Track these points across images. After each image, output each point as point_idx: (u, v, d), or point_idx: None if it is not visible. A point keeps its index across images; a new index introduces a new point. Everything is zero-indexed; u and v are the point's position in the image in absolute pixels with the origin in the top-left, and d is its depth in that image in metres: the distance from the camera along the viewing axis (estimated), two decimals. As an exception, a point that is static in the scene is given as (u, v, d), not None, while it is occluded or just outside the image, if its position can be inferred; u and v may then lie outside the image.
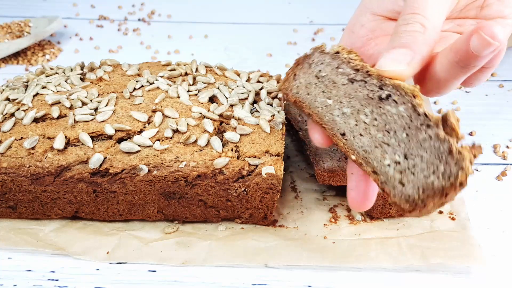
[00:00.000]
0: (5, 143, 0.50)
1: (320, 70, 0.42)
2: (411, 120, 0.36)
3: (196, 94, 0.57)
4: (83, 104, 0.54)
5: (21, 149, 0.50)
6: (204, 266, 0.51)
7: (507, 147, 0.68)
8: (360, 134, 0.40)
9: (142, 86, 0.58)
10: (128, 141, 0.50)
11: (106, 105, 0.54)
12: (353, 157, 0.40)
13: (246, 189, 0.51)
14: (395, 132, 0.37)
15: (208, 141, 0.51)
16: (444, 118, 0.35)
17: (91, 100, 0.55)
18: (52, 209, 0.54)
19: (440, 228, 0.53)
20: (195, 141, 0.51)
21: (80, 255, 0.51)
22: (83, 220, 0.56)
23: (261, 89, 0.59)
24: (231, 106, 0.55)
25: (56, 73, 0.62)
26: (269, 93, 0.58)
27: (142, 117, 0.52)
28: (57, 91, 0.57)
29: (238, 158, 0.50)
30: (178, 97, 0.56)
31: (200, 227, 0.55)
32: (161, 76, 0.60)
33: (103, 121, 0.52)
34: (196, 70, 0.62)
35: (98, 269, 0.50)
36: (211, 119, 0.53)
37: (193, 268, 0.50)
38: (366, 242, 0.52)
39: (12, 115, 0.53)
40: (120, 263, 0.51)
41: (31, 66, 0.88)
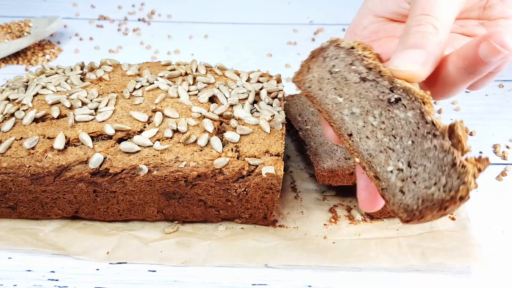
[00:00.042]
0: (5, 143, 0.50)
1: (334, 65, 0.41)
2: (418, 127, 0.35)
3: (196, 94, 0.57)
4: (83, 104, 0.54)
5: (21, 149, 0.50)
6: (204, 266, 0.51)
7: (507, 147, 0.68)
8: (367, 137, 0.39)
9: (142, 86, 0.58)
10: (128, 141, 0.50)
11: (106, 105, 0.54)
12: (358, 160, 0.40)
13: (246, 189, 0.51)
14: (401, 138, 0.37)
15: (208, 141, 0.51)
16: (451, 129, 0.34)
17: (91, 100, 0.55)
18: (52, 209, 0.54)
19: (440, 228, 0.53)
20: (195, 141, 0.51)
21: (80, 255, 0.51)
22: (83, 220, 0.56)
23: (261, 89, 0.59)
24: (231, 106, 0.55)
25: (56, 73, 0.62)
26: (269, 93, 0.58)
27: (142, 117, 0.52)
28: (57, 91, 0.57)
29: (238, 158, 0.50)
30: (178, 97, 0.56)
31: (200, 227, 0.55)
32: (161, 76, 0.60)
33: (103, 121, 0.52)
34: (196, 70, 0.62)
35: (98, 269, 0.50)
36: (211, 119, 0.53)
37: (193, 268, 0.50)
38: (366, 242, 0.52)
39: (12, 115, 0.53)
40: (120, 263, 0.51)
41: (31, 66, 0.88)
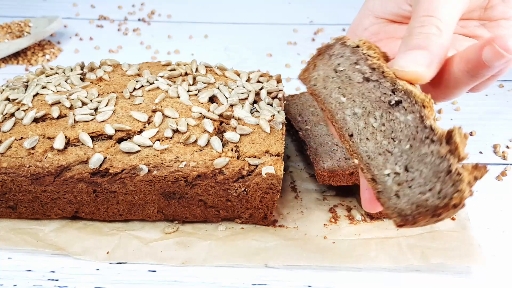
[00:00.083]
0: (5, 143, 0.50)
1: (339, 64, 0.41)
2: (417, 132, 0.35)
3: (196, 94, 0.57)
4: (83, 104, 0.54)
5: (21, 149, 0.50)
6: (204, 266, 0.51)
7: (507, 147, 0.68)
8: (367, 138, 0.39)
9: (142, 86, 0.58)
10: (128, 141, 0.50)
11: (106, 105, 0.54)
12: (356, 161, 0.40)
13: (246, 189, 0.51)
14: (400, 142, 0.37)
15: (208, 141, 0.51)
16: (449, 135, 0.33)
17: (91, 100, 0.55)
18: (52, 209, 0.54)
19: (440, 228, 0.53)
20: (195, 141, 0.51)
21: (80, 255, 0.51)
22: (83, 220, 0.56)
23: (261, 89, 0.59)
24: (231, 106, 0.55)
25: (56, 73, 0.62)
26: (269, 93, 0.58)
27: (142, 117, 0.52)
28: (57, 91, 0.57)
29: (238, 158, 0.50)
30: (178, 97, 0.56)
31: (200, 227, 0.55)
32: (161, 76, 0.60)
33: (103, 121, 0.52)
34: (196, 70, 0.62)
35: (98, 269, 0.50)
36: (211, 119, 0.53)
37: (193, 268, 0.50)
38: (366, 242, 0.52)
39: (12, 115, 0.53)
40: (120, 263, 0.51)
41: (31, 66, 0.88)
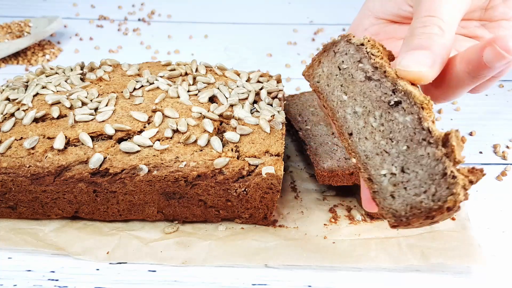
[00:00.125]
0: (5, 143, 0.50)
1: (343, 61, 0.41)
2: (415, 133, 0.35)
3: (196, 94, 0.57)
4: (83, 104, 0.54)
5: (21, 149, 0.50)
6: (204, 266, 0.51)
7: (507, 147, 0.68)
8: (366, 138, 0.39)
9: (142, 86, 0.58)
10: (128, 141, 0.50)
11: (106, 105, 0.54)
12: (354, 160, 0.40)
13: (246, 189, 0.51)
14: (397, 142, 0.37)
15: (208, 141, 0.51)
16: (446, 138, 0.33)
17: (91, 100, 0.55)
18: (52, 209, 0.54)
19: (440, 228, 0.53)
20: (195, 141, 0.51)
21: (80, 255, 0.51)
22: (83, 220, 0.56)
23: (261, 89, 0.59)
24: (231, 106, 0.55)
25: (56, 73, 0.62)
26: (269, 93, 0.58)
27: (142, 117, 0.52)
28: (57, 91, 0.57)
29: (238, 158, 0.50)
30: (178, 97, 0.56)
31: (200, 227, 0.55)
32: (161, 76, 0.60)
33: (103, 121, 0.52)
34: (196, 70, 0.62)
35: (98, 269, 0.50)
36: (211, 119, 0.53)
37: (193, 268, 0.50)
38: (366, 242, 0.52)
39: (12, 115, 0.53)
40: (120, 263, 0.51)
41: (31, 66, 0.88)
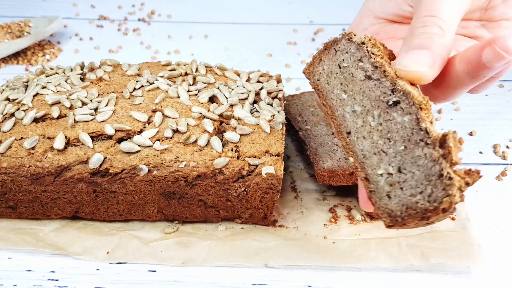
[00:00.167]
0: (5, 143, 0.50)
1: (344, 60, 0.41)
2: (412, 133, 0.35)
3: (196, 94, 0.57)
4: (83, 104, 0.54)
5: (21, 149, 0.50)
6: (204, 266, 0.51)
7: (507, 147, 0.68)
8: (363, 137, 0.39)
9: (142, 86, 0.58)
10: (128, 141, 0.50)
11: (106, 105, 0.54)
12: (351, 159, 0.40)
13: (246, 189, 0.51)
14: (395, 142, 0.37)
15: (208, 141, 0.51)
16: (443, 139, 0.33)
17: (91, 100, 0.55)
18: (52, 209, 0.54)
19: (440, 228, 0.53)
20: (195, 141, 0.51)
21: (80, 255, 0.51)
22: (83, 220, 0.56)
23: (261, 89, 0.59)
24: (231, 106, 0.55)
25: (56, 73, 0.62)
26: (269, 93, 0.58)
27: (142, 117, 0.52)
28: (57, 91, 0.57)
29: (238, 158, 0.50)
30: (178, 97, 0.56)
31: (200, 227, 0.55)
32: (161, 76, 0.60)
33: (103, 121, 0.52)
34: (196, 70, 0.62)
35: (98, 269, 0.50)
36: (211, 119, 0.53)
37: (193, 268, 0.50)
38: (366, 242, 0.52)
39: (12, 115, 0.53)
40: (120, 263, 0.51)
41: (31, 66, 0.88)
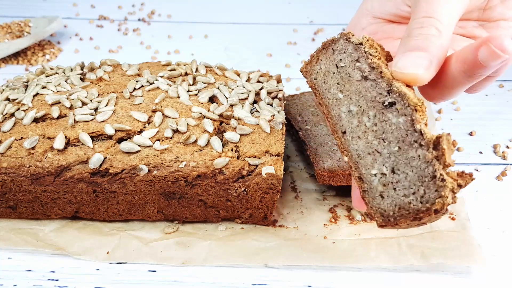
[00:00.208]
0: (5, 143, 0.50)
1: (341, 59, 0.41)
2: (407, 135, 0.36)
3: (196, 94, 0.57)
4: (83, 104, 0.54)
5: (21, 149, 0.50)
6: (204, 266, 0.51)
7: (507, 147, 0.68)
8: (358, 137, 0.39)
9: (142, 86, 0.58)
10: (128, 141, 0.50)
11: (106, 105, 0.54)
12: (346, 159, 0.40)
13: (246, 189, 0.51)
14: (389, 143, 0.37)
15: (208, 141, 0.51)
16: (437, 141, 0.34)
17: (91, 100, 0.55)
18: (52, 209, 0.54)
19: (440, 228, 0.53)
20: (195, 141, 0.51)
21: (80, 255, 0.51)
22: (83, 220, 0.56)
23: (261, 89, 0.59)
24: (231, 106, 0.55)
25: (56, 73, 0.62)
26: (269, 93, 0.58)
27: (142, 117, 0.52)
28: (57, 91, 0.57)
29: (238, 158, 0.50)
30: (178, 97, 0.56)
31: (200, 227, 0.55)
32: (161, 76, 0.60)
33: (103, 121, 0.52)
34: (196, 70, 0.62)
35: (98, 269, 0.50)
36: (211, 119, 0.53)
37: (193, 268, 0.50)
38: (366, 242, 0.52)
39: (12, 115, 0.53)
40: (120, 263, 0.51)
41: (31, 66, 0.88)
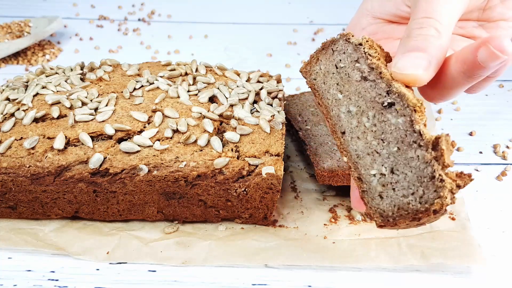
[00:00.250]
0: (5, 143, 0.50)
1: (341, 60, 0.41)
2: (406, 135, 0.36)
3: (196, 94, 0.57)
4: (83, 104, 0.54)
5: (21, 149, 0.50)
6: (204, 266, 0.51)
7: (507, 147, 0.68)
8: (358, 137, 0.39)
9: (142, 86, 0.58)
10: (128, 141, 0.50)
11: (106, 105, 0.54)
12: (345, 159, 0.40)
13: (246, 189, 0.51)
14: (389, 144, 0.37)
15: (208, 141, 0.51)
16: (436, 142, 0.34)
17: (91, 100, 0.55)
18: (52, 209, 0.54)
19: (440, 228, 0.53)
20: (195, 141, 0.51)
21: (80, 255, 0.51)
22: (83, 220, 0.56)
23: (261, 89, 0.59)
24: (231, 106, 0.55)
25: (56, 73, 0.62)
26: (269, 93, 0.58)
27: (142, 117, 0.52)
28: (57, 91, 0.57)
29: (238, 158, 0.50)
30: (178, 97, 0.56)
31: (200, 227, 0.55)
32: (161, 76, 0.60)
33: (103, 121, 0.52)
34: (196, 70, 0.62)
35: (98, 269, 0.50)
36: (211, 119, 0.53)
37: (193, 268, 0.50)
38: (366, 242, 0.52)
39: (12, 115, 0.53)
40: (120, 263, 0.51)
41: (31, 66, 0.88)
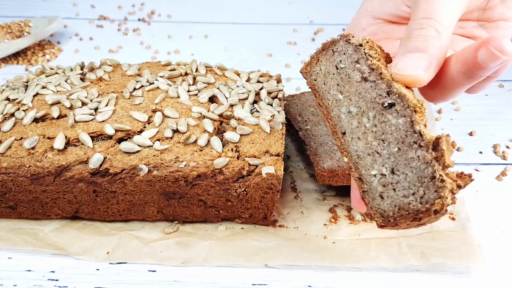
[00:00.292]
0: (5, 143, 0.50)
1: (341, 61, 0.42)
2: (406, 136, 0.36)
3: (196, 94, 0.57)
4: (83, 104, 0.54)
5: (21, 149, 0.50)
6: (204, 266, 0.51)
7: (507, 147, 0.68)
8: (358, 138, 0.40)
9: (142, 86, 0.58)
10: (128, 141, 0.50)
11: (106, 105, 0.54)
12: (346, 159, 0.40)
13: (246, 189, 0.51)
14: (389, 144, 0.37)
15: (208, 141, 0.51)
16: (436, 142, 0.34)
17: (91, 100, 0.55)
18: (52, 209, 0.54)
19: (440, 228, 0.53)
20: (195, 141, 0.51)
21: (80, 255, 0.51)
22: (83, 220, 0.56)
23: (261, 89, 0.59)
24: (231, 106, 0.55)
25: (56, 73, 0.62)
26: (269, 93, 0.58)
27: (142, 117, 0.52)
28: (57, 91, 0.57)
29: (238, 158, 0.50)
30: (178, 97, 0.56)
31: (200, 227, 0.55)
32: (161, 76, 0.60)
33: (103, 121, 0.52)
34: (196, 70, 0.62)
35: (98, 269, 0.50)
36: (211, 119, 0.53)
37: (193, 268, 0.50)
38: (366, 242, 0.52)
39: (12, 115, 0.53)
40: (120, 263, 0.51)
41: (31, 66, 0.88)
